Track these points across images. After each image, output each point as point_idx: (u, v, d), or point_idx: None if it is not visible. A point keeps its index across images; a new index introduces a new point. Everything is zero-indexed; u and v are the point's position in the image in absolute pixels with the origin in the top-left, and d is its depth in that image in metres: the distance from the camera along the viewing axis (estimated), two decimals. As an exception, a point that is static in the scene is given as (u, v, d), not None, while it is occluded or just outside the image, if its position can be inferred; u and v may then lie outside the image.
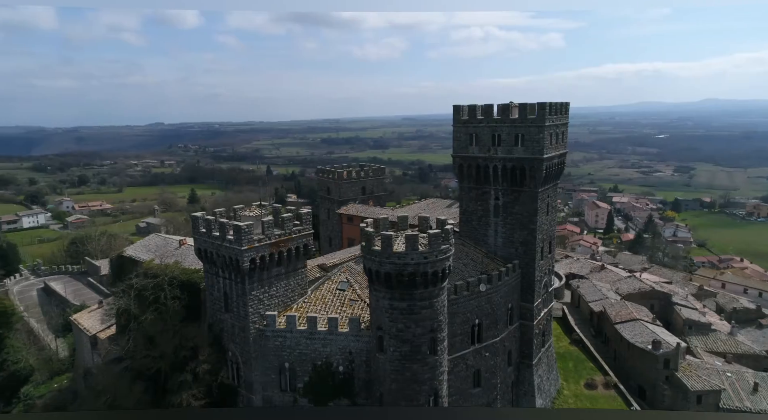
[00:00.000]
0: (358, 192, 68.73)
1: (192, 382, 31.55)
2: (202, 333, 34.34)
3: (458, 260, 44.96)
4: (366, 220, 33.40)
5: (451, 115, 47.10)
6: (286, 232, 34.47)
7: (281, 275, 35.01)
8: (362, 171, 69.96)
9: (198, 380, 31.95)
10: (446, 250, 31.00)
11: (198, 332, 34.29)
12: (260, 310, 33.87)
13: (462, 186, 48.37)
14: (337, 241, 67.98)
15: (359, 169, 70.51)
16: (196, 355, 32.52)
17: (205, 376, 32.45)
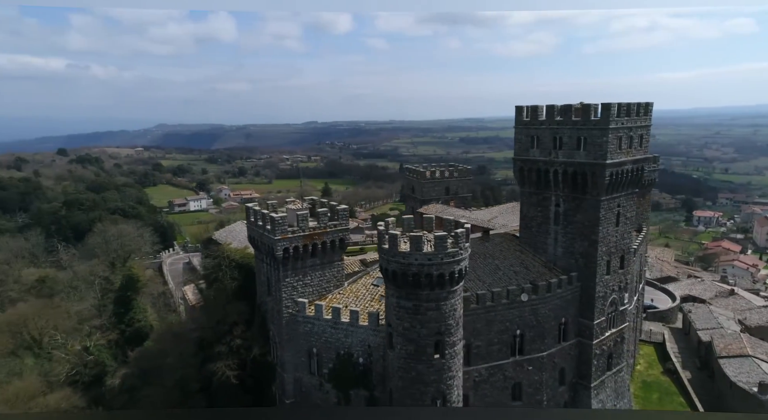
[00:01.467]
0: (442, 192, 69.05)
1: (227, 354, 36.19)
2: (243, 311, 38.91)
3: (510, 268, 43.61)
4: (386, 220, 34.60)
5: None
6: (321, 225, 37.27)
7: (316, 266, 37.96)
8: (447, 171, 70.06)
9: (232, 353, 36.50)
10: (455, 254, 30.84)
11: (243, 310, 38.95)
12: (293, 296, 37.24)
13: (523, 190, 46.40)
14: (419, 240, 69.22)
15: (444, 169, 70.71)
16: (232, 331, 37.13)
17: (240, 351, 36.89)
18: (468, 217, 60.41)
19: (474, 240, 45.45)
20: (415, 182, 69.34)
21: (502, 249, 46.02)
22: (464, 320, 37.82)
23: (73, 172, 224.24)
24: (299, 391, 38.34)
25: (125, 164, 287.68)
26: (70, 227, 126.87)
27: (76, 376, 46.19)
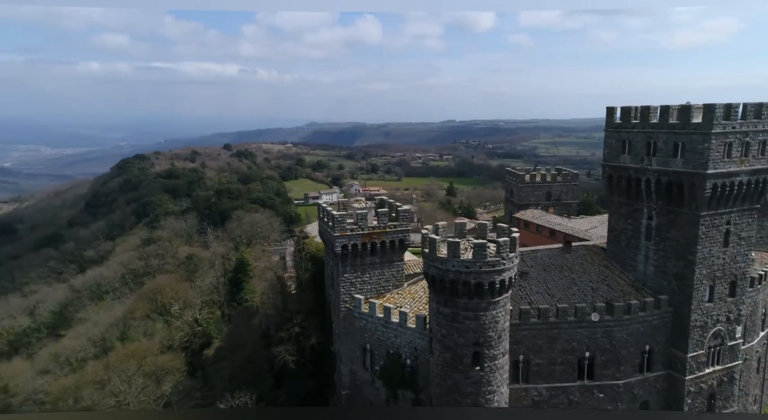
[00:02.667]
0: (542, 197, 65.08)
1: (287, 339, 39.06)
2: (308, 301, 41.55)
3: (588, 283, 40.12)
4: (435, 223, 34.25)
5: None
6: (380, 225, 38.22)
7: (375, 264, 39.04)
8: (549, 175, 65.79)
9: (292, 339, 39.27)
10: (495, 263, 29.49)
11: (308, 299, 41.65)
12: (351, 292, 38.80)
13: (611, 200, 42.02)
14: (515, 246, 66.36)
15: (546, 172, 66.47)
16: (292, 318, 39.90)
17: (299, 338, 39.51)
18: (563, 226, 56.51)
19: (554, 251, 42.70)
20: (513, 185, 66.55)
21: (583, 262, 42.33)
22: (523, 334, 35.94)
23: (231, 165, 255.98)
24: (354, 383, 39.92)
25: (274, 159, 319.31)
26: (218, 213, 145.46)
27: (187, 343, 53.90)
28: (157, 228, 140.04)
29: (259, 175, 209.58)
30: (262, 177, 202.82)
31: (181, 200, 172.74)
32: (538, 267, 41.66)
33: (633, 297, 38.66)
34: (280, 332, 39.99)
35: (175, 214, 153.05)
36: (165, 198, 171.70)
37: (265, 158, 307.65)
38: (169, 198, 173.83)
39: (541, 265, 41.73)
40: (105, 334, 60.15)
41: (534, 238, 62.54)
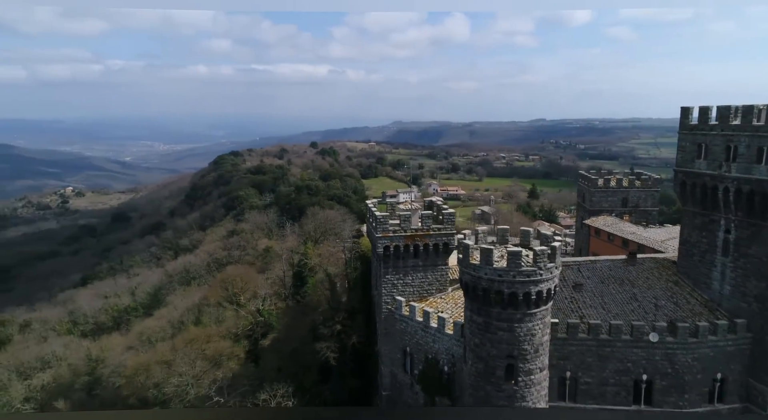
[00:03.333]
0: (617, 203, 60.26)
1: (329, 337, 39.66)
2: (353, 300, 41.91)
3: (651, 300, 36.74)
4: (476, 229, 32.96)
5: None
6: (424, 227, 37.61)
7: (418, 267, 38.50)
8: (626, 180, 60.74)
9: (333, 337, 39.79)
10: (531, 273, 27.81)
11: (352, 298, 42.04)
12: (393, 293, 38.58)
13: (685, 210, 37.97)
14: (585, 253, 62.24)
15: (623, 177, 61.40)
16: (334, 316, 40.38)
17: (340, 335, 39.94)
18: (637, 235, 52.20)
19: (616, 262, 39.69)
20: (585, 190, 62.40)
21: (649, 276, 38.73)
22: (571, 350, 33.74)
23: (314, 162, 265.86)
24: (394, 385, 39.74)
25: (356, 157, 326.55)
26: (297, 208, 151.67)
27: (249, 332, 56.95)
28: (241, 221, 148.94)
29: (339, 172, 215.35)
30: (342, 174, 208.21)
31: (266, 195, 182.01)
32: (595, 278, 38.78)
33: (703, 318, 34.69)
34: (322, 329, 40.88)
35: (259, 208, 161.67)
36: (251, 192, 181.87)
37: (347, 156, 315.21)
38: (255, 192, 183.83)
39: (598, 277, 38.80)
40: (182, 317, 65.41)
41: (605, 246, 58.28)
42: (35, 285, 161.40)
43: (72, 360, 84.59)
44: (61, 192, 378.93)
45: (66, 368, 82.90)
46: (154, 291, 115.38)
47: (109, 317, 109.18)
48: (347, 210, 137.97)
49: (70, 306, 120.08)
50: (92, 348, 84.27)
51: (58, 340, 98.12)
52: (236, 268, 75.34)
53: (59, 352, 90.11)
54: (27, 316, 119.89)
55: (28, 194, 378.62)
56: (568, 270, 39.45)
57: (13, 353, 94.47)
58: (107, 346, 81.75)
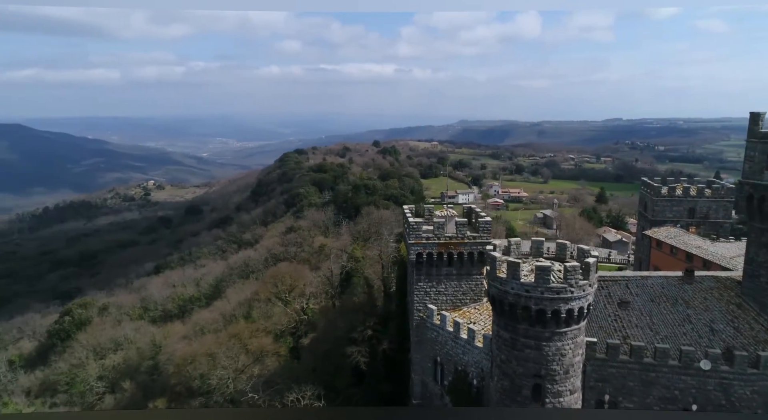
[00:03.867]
0: (683, 213, 55.53)
1: (360, 341, 39.49)
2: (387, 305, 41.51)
3: (708, 323, 33.62)
4: (509, 239, 31.51)
5: None
6: (458, 235, 36.54)
7: (452, 276, 37.47)
8: (694, 188, 55.83)
9: (364, 341, 39.56)
10: (561, 290, 26.13)
11: (387, 304, 41.68)
12: (426, 301, 37.81)
13: (751, 225, 34.26)
14: (645, 266, 58.08)
15: (690, 185, 56.46)
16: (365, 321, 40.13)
17: (370, 341, 39.64)
18: (703, 250, 48.07)
19: (670, 279, 36.78)
20: (648, 198, 58.18)
21: (707, 297, 35.38)
22: (610, 372, 31.60)
23: (375, 161, 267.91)
24: (425, 394, 39.03)
25: (418, 156, 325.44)
26: (353, 207, 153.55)
27: (293, 329, 58.27)
28: (300, 218, 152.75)
29: (398, 172, 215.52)
30: (401, 174, 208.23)
31: (325, 193, 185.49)
32: (644, 296, 35.96)
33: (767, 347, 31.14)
34: (354, 333, 40.93)
35: (317, 205, 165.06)
36: (311, 190, 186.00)
37: (408, 156, 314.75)
38: (315, 190, 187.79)
39: (648, 295, 35.94)
40: (234, 310, 68.21)
41: (667, 260, 54.06)
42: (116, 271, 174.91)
43: (140, 344, 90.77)
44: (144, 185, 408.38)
45: (134, 351, 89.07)
46: (215, 282, 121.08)
47: (175, 305, 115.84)
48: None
49: (143, 293, 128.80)
50: (156, 334, 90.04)
51: (131, 325, 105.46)
52: (287, 265, 77.38)
53: (130, 336, 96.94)
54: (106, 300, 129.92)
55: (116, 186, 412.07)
56: (615, 285, 36.91)
57: (92, 334, 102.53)
58: (169, 333, 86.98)
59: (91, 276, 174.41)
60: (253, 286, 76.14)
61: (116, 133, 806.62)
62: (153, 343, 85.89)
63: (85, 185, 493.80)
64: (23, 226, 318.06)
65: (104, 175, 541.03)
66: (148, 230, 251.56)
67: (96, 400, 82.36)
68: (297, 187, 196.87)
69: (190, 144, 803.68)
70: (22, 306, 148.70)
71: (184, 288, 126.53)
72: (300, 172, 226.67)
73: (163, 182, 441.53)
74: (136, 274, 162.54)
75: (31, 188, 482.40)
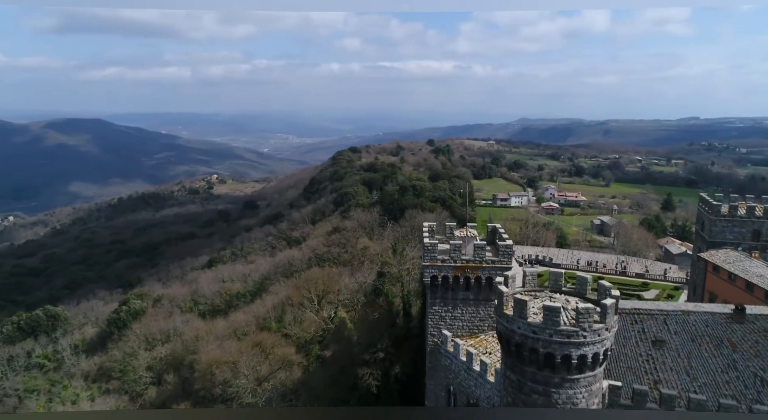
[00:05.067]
0: (745, 235, 49.76)
1: (372, 363, 38.04)
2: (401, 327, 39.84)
3: (756, 370, 29.59)
4: (526, 269, 28.95)
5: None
6: (476, 259, 34.30)
7: (469, 301, 35.28)
8: (760, 208, 49.83)
9: (376, 364, 38.08)
10: (571, 334, 23.51)
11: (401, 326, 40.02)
12: (440, 326, 35.85)
13: (815, 262, 29.62)
14: (699, 292, 52.82)
15: (756, 205, 50.41)
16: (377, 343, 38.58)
17: (382, 363, 38.10)
18: (765, 279, 42.93)
19: (717, 316, 32.96)
20: (705, 217, 52.81)
21: (759, 340, 31.22)
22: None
23: (427, 161, 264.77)
24: (438, 422, 37.13)
25: (473, 156, 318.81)
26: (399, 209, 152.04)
27: (320, 338, 57.88)
28: (347, 218, 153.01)
29: (449, 173, 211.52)
30: (451, 175, 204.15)
31: (374, 193, 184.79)
32: (684, 335, 32.23)
33: (830, 407, 26.81)
34: (364, 354, 39.63)
35: (364, 206, 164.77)
36: (360, 189, 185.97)
37: (462, 155, 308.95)
38: (364, 190, 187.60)
39: (689, 334, 32.17)
40: (267, 314, 68.97)
41: (725, 287, 48.82)
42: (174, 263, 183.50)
43: (186, 337, 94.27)
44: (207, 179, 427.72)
45: (180, 344, 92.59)
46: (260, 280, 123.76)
47: (222, 301, 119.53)
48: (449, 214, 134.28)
49: (195, 286, 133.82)
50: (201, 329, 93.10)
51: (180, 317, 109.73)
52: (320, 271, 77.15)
53: (179, 328, 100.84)
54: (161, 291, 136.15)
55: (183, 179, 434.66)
56: (650, 320, 33.37)
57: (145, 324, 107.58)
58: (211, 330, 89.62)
59: (152, 266, 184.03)
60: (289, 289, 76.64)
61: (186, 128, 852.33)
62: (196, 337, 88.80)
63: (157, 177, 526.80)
64: (101, 215, 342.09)
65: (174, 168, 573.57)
66: (207, 224, 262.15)
67: (143, 389, 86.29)
68: (346, 186, 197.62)
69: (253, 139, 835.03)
70: (89, 292, 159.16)
71: (233, 283, 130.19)
72: (351, 170, 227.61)
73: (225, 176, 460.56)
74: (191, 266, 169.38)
75: (109, 179, 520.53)
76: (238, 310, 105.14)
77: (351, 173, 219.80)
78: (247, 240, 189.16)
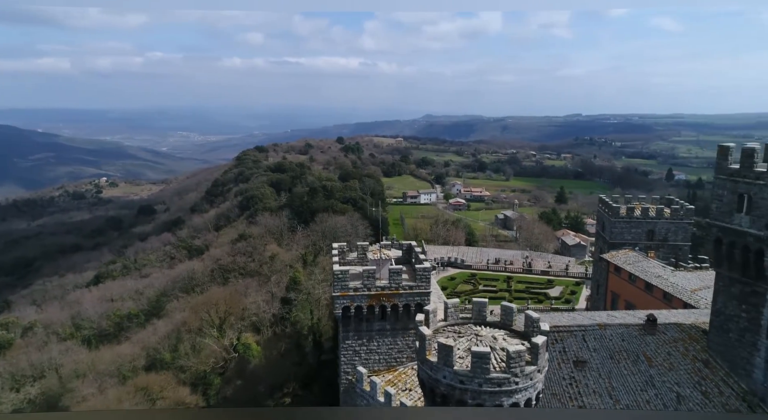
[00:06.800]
0: (641, 236, 52.07)
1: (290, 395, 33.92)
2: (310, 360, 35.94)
3: (673, 386, 29.26)
4: (428, 307, 26.23)
5: None
6: (392, 285, 31.17)
7: (385, 331, 32.14)
8: (653, 209, 52.35)
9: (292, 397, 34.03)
10: (502, 382, 21.04)
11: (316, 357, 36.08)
12: (355, 362, 32.36)
13: (719, 273, 30.22)
14: (603, 291, 54.48)
15: (650, 206, 52.98)
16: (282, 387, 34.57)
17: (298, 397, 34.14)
18: (664, 280, 44.30)
19: (631, 329, 32.42)
20: (606, 219, 54.41)
21: (671, 351, 31.26)
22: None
23: (337, 159, 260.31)
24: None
25: (382, 153, 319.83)
26: (309, 211, 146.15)
27: (221, 369, 51.83)
28: (253, 223, 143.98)
29: (360, 172, 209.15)
30: (362, 174, 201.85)
31: (282, 195, 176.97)
32: (603, 352, 31.53)
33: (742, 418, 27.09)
34: (269, 400, 35.23)
35: (272, 209, 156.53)
36: (267, 192, 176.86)
37: (371, 154, 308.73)
38: (272, 192, 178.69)
39: (607, 350, 31.53)
40: (159, 344, 60.93)
41: (626, 287, 50.45)
42: (52, 281, 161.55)
43: (65, 370, 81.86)
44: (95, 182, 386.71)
45: (56, 379, 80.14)
46: (156, 296, 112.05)
47: (111, 323, 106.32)
48: (361, 215, 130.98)
49: (77, 308, 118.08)
50: (82, 362, 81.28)
51: (59, 346, 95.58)
52: (219, 291, 70.17)
53: (56, 360, 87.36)
54: (34, 317, 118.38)
55: (65, 183, 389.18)
56: (570, 338, 32.37)
57: (12, 359, 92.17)
58: (94, 363, 78.41)
59: (24, 287, 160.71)
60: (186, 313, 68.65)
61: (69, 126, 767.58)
62: (76, 373, 77.38)
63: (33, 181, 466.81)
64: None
65: (54, 170, 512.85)
66: (94, 233, 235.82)
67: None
68: (253, 188, 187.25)
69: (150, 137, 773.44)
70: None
71: (123, 302, 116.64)
72: (258, 171, 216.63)
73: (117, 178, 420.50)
74: (74, 284, 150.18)
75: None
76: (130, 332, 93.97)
77: (257, 174, 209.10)
78: (142, 250, 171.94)
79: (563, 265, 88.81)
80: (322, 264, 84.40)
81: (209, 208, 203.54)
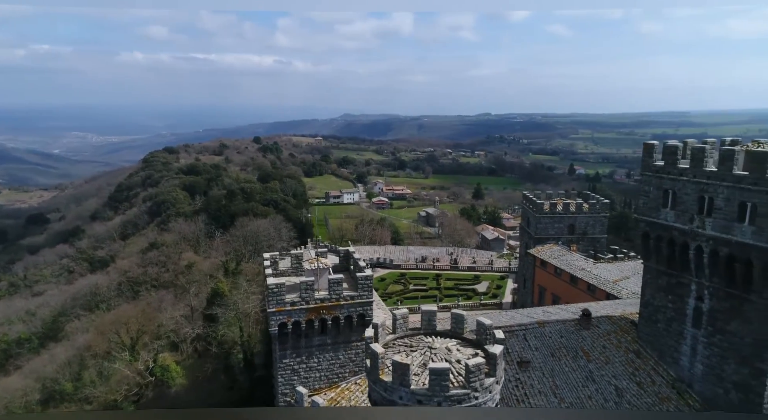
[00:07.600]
0: (563, 230, 54.39)
1: None
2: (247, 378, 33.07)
3: (611, 380, 29.94)
4: (376, 320, 24.76)
5: None
6: (333, 297, 29.19)
7: (326, 346, 30.11)
8: (573, 204, 54.87)
9: None
10: (462, 399, 19.94)
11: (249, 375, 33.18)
12: (293, 381, 30.02)
13: (647, 266, 31.54)
14: (530, 285, 56.13)
15: (570, 201, 55.50)
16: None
17: None
18: (587, 272, 46.01)
19: (568, 325, 32.71)
20: (531, 215, 56.03)
21: (606, 345, 32.14)
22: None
23: (255, 160, 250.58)
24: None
25: (302, 153, 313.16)
26: (228, 215, 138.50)
27: (135, 397, 46.63)
28: (166, 230, 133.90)
29: (280, 173, 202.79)
30: (282, 175, 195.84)
31: (197, 199, 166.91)
32: (544, 350, 31.75)
33: (672, 404, 28.39)
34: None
35: (187, 214, 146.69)
36: (180, 196, 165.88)
37: (291, 153, 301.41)
38: (185, 196, 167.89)
39: (548, 348, 31.80)
40: (57, 373, 53.62)
41: (552, 280, 52.22)
42: None
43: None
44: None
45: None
46: (53, 317, 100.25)
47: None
48: (284, 218, 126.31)
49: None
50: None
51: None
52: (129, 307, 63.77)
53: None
54: None
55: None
56: (512, 338, 32.26)
57: None
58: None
59: None
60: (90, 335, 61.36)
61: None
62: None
63: None
64: None
65: None
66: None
67: None
68: (163, 192, 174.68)
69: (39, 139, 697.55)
70: None
71: (11, 325, 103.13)
72: (168, 174, 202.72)
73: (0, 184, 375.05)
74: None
75: None
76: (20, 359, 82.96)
77: (168, 177, 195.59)
78: (33, 265, 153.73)
79: (487, 259, 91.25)
80: (246, 271, 79.87)
81: (113, 215, 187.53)
